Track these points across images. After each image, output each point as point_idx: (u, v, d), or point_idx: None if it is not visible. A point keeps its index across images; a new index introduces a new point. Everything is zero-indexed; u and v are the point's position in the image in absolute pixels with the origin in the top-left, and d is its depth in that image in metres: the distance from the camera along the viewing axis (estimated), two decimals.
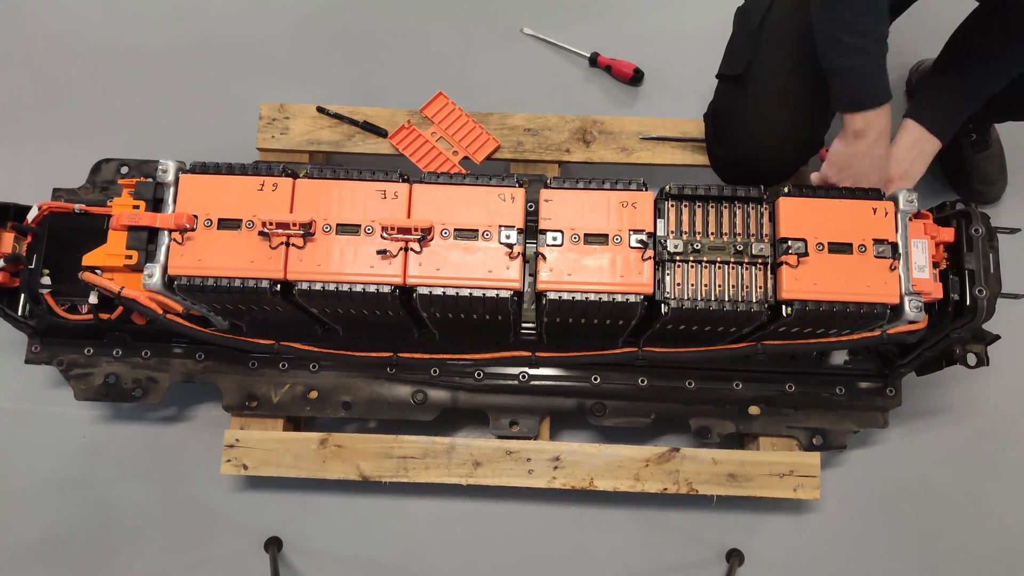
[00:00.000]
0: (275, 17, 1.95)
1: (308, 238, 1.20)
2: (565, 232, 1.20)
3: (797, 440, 1.53)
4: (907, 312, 1.17)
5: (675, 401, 1.53)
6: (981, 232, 1.29)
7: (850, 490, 1.67)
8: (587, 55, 1.89)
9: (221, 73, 1.91)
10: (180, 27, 1.94)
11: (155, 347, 1.53)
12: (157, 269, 1.20)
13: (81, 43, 1.93)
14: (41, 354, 1.53)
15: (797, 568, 1.64)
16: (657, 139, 1.65)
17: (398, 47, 1.93)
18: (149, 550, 1.65)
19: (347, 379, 1.54)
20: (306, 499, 1.66)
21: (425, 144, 1.66)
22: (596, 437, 1.68)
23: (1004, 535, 1.66)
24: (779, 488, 1.51)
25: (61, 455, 1.69)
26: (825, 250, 1.19)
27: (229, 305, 1.29)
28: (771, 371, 1.52)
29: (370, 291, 1.19)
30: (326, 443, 1.53)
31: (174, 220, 1.20)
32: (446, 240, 1.20)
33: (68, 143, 1.85)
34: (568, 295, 1.19)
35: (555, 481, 1.52)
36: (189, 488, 1.67)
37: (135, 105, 1.89)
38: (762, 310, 1.19)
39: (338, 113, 1.67)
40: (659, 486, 1.51)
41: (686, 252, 1.20)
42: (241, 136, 1.73)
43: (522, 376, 1.52)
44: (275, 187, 1.22)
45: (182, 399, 1.70)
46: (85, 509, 1.66)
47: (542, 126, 1.67)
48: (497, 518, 1.66)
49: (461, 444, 1.53)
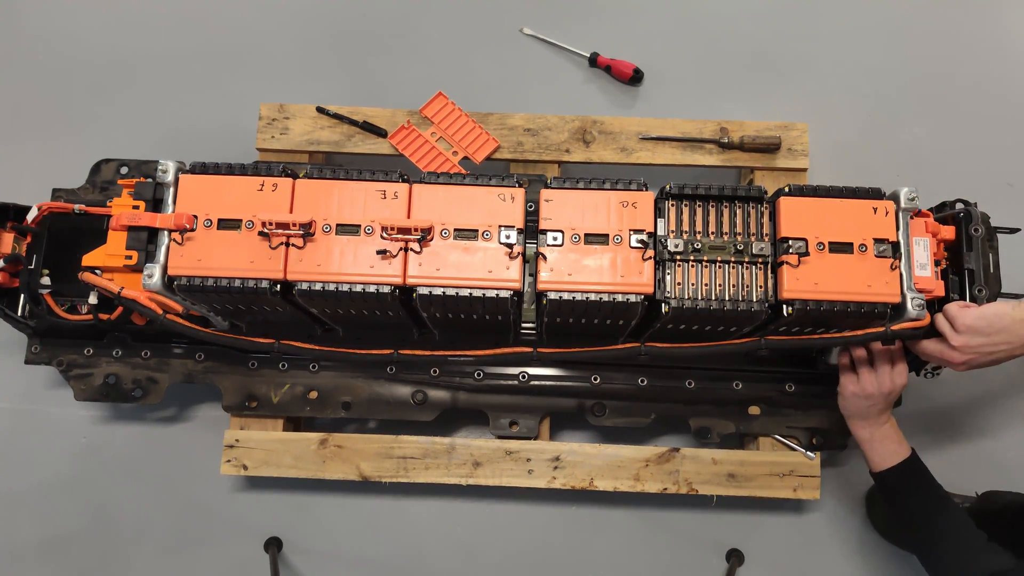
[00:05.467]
0: (275, 17, 1.95)
1: (308, 238, 1.20)
2: (565, 232, 1.20)
3: (797, 440, 1.53)
4: (909, 310, 1.17)
5: (675, 401, 1.53)
6: (981, 232, 1.29)
7: (850, 490, 1.67)
8: (587, 55, 1.89)
9: (221, 73, 1.91)
10: (180, 27, 1.94)
11: (155, 347, 1.53)
12: (157, 269, 1.20)
13: (81, 43, 1.93)
14: (41, 354, 1.53)
15: (797, 568, 1.64)
16: (657, 139, 1.65)
17: (398, 47, 1.93)
18: (149, 550, 1.65)
19: (347, 379, 1.54)
20: (306, 499, 1.66)
21: (425, 144, 1.66)
22: (596, 437, 1.68)
23: None
24: (779, 488, 1.51)
25: (61, 455, 1.69)
26: (826, 249, 1.19)
27: (229, 305, 1.29)
28: (771, 371, 1.52)
29: (370, 291, 1.19)
30: (326, 443, 1.53)
31: (174, 220, 1.20)
32: (446, 240, 1.20)
33: (68, 143, 1.85)
34: (568, 295, 1.18)
35: (555, 481, 1.52)
36: (189, 488, 1.67)
37: (135, 105, 1.89)
38: (763, 310, 1.19)
39: (338, 113, 1.67)
40: (659, 486, 1.51)
41: (686, 252, 1.20)
42: (241, 136, 1.73)
43: (522, 376, 1.52)
44: (275, 187, 1.22)
45: (182, 399, 1.70)
46: (85, 509, 1.66)
47: (542, 126, 1.67)
48: (497, 518, 1.66)
49: (461, 444, 1.53)
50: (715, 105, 1.88)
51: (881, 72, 1.91)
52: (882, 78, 1.91)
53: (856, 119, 1.88)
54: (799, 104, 1.89)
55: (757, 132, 1.63)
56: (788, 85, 1.91)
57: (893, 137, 1.87)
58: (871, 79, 1.91)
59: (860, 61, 1.92)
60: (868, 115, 1.88)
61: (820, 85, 1.90)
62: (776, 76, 1.91)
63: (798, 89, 1.90)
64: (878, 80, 1.91)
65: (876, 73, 1.91)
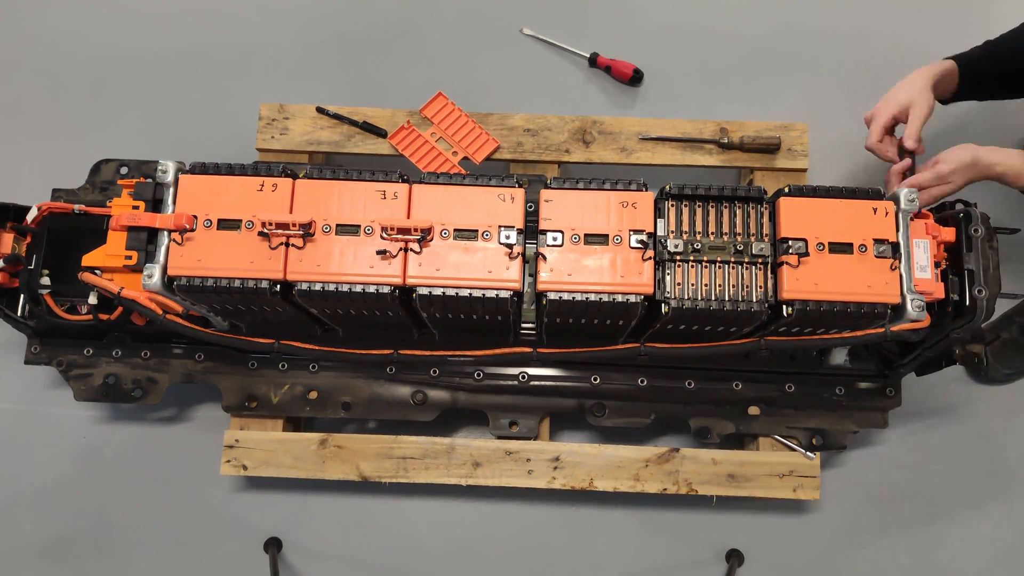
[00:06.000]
0: (275, 17, 1.95)
1: (308, 238, 1.20)
2: (565, 232, 1.20)
3: (796, 440, 1.53)
4: (909, 311, 1.17)
5: (675, 401, 1.53)
6: (981, 232, 1.29)
7: (850, 490, 1.67)
8: (587, 55, 1.89)
9: (221, 73, 1.91)
10: (180, 27, 1.94)
11: (155, 347, 1.53)
12: (157, 269, 1.20)
13: (81, 43, 1.93)
14: (41, 355, 1.53)
15: (797, 568, 1.64)
16: (657, 139, 1.65)
17: (398, 47, 1.93)
18: (149, 550, 1.65)
19: (347, 379, 1.54)
20: (306, 499, 1.66)
21: (425, 144, 1.66)
22: (596, 437, 1.68)
23: (1004, 535, 1.66)
24: (779, 488, 1.51)
25: (61, 455, 1.69)
26: (826, 250, 1.19)
27: (229, 305, 1.29)
28: (771, 371, 1.52)
29: (370, 291, 1.19)
30: (326, 443, 1.53)
31: (174, 220, 1.20)
32: (446, 240, 1.20)
33: (68, 143, 1.85)
34: (568, 295, 1.18)
35: (555, 481, 1.52)
36: (189, 488, 1.67)
37: (135, 105, 1.89)
38: (763, 310, 1.19)
39: (338, 113, 1.67)
40: (659, 486, 1.51)
41: (686, 252, 1.20)
42: (241, 136, 1.73)
43: (522, 376, 1.52)
44: (275, 187, 1.22)
45: (182, 399, 1.70)
46: (85, 509, 1.66)
47: (542, 126, 1.67)
48: (497, 518, 1.66)
49: (461, 444, 1.53)
50: (715, 105, 1.88)
51: (881, 72, 1.91)
52: (882, 78, 1.90)
53: (856, 119, 1.88)
54: (799, 104, 1.89)
55: (757, 132, 1.63)
56: (788, 85, 1.91)
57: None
58: (871, 79, 1.90)
59: (860, 61, 1.92)
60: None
61: (820, 85, 1.90)
62: (776, 76, 1.91)
63: (798, 89, 1.90)
64: (878, 80, 1.91)
65: (876, 73, 1.91)
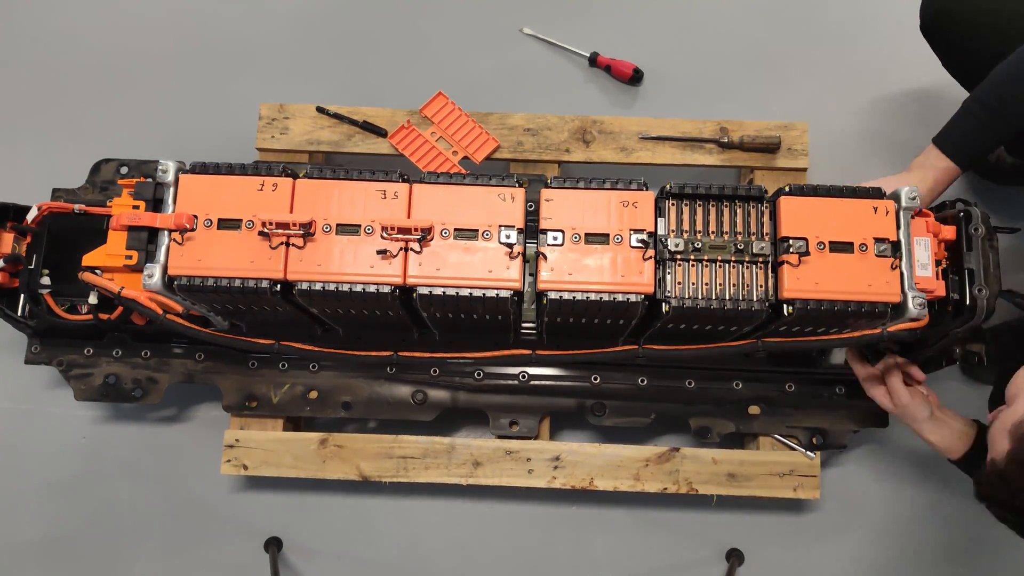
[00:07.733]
0: (275, 17, 1.95)
1: (308, 238, 1.19)
2: (566, 232, 1.20)
3: (797, 439, 1.53)
4: (910, 309, 1.17)
5: (675, 401, 1.53)
6: (981, 231, 1.29)
7: (850, 490, 1.67)
8: (587, 55, 1.89)
9: (221, 73, 1.91)
10: (180, 27, 1.94)
11: (155, 347, 1.53)
12: (157, 269, 1.19)
13: (81, 43, 1.93)
14: (41, 354, 1.53)
15: (797, 568, 1.64)
16: (657, 139, 1.65)
17: (398, 47, 1.93)
18: (149, 550, 1.65)
19: (347, 379, 1.54)
20: (306, 499, 1.66)
21: (425, 144, 1.66)
22: (596, 437, 1.67)
23: (1004, 535, 1.65)
24: (779, 488, 1.51)
25: (61, 455, 1.69)
26: (826, 249, 1.18)
27: (229, 305, 1.29)
28: (771, 371, 1.52)
29: (370, 291, 1.19)
30: (326, 443, 1.53)
31: (174, 220, 1.19)
32: (446, 240, 1.20)
33: (68, 143, 1.85)
34: (569, 295, 1.18)
35: (555, 481, 1.52)
36: (189, 488, 1.67)
37: (135, 105, 1.89)
38: (763, 309, 1.19)
39: (338, 113, 1.67)
40: (659, 486, 1.51)
41: (687, 251, 1.20)
42: (241, 136, 1.73)
43: (522, 376, 1.52)
44: (275, 187, 1.22)
45: (182, 399, 1.70)
46: (85, 509, 1.66)
47: (542, 126, 1.67)
48: (497, 518, 1.66)
49: (461, 444, 1.53)
50: (715, 105, 1.88)
51: (881, 72, 1.91)
52: (882, 78, 1.91)
53: (856, 119, 1.88)
54: (799, 104, 1.89)
55: (757, 132, 1.63)
56: (788, 85, 1.91)
57: (893, 137, 1.87)
58: (871, 79, 1.91)
59: (860, 61, 1.92)
60: (868, 115, 1.88)
61: (820, 85, 1.90)
62: (776, 76, 1.91)
63: (798, 89, 1.90)
64: (878, 80, 1.91)
65: (875, 73, 1.91)
